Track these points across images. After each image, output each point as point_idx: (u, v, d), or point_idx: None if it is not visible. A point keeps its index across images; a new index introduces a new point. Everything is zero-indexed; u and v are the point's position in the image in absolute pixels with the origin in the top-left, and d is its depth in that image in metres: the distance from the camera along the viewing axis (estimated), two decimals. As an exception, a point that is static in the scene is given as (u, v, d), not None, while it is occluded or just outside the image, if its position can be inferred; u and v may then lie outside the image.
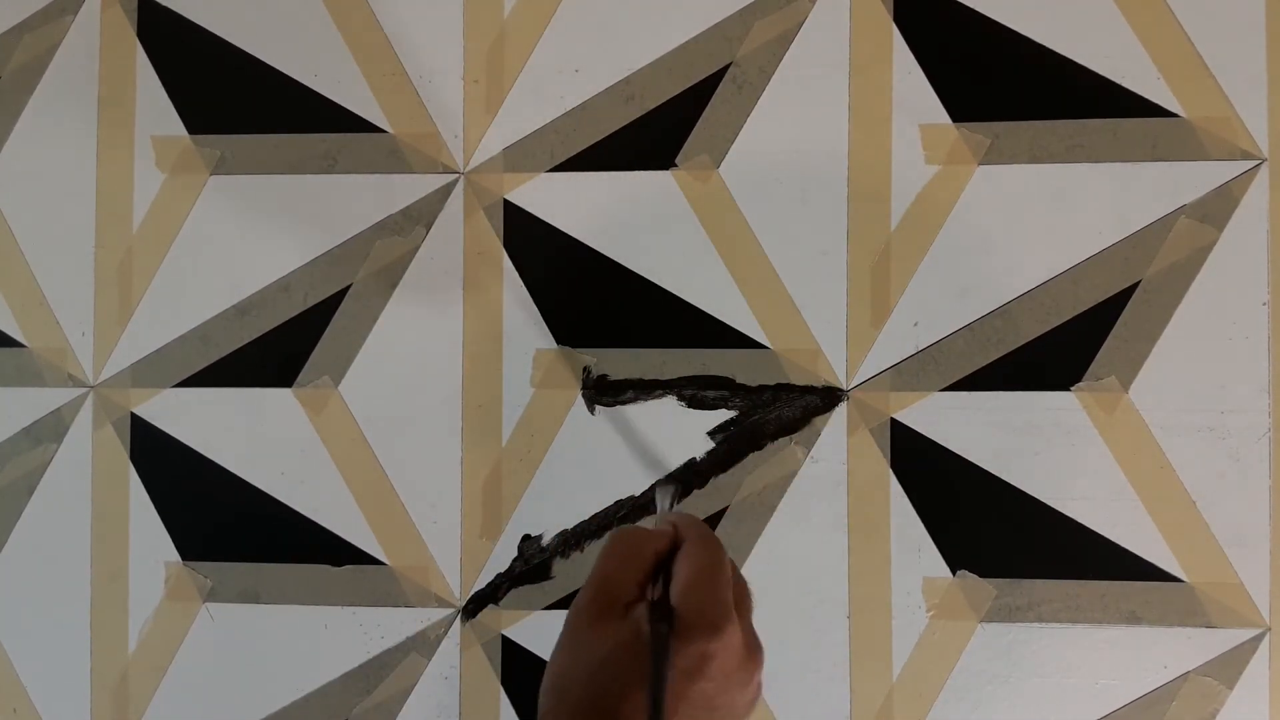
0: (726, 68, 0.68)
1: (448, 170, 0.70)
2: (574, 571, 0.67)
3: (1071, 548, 0.65)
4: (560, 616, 0.44)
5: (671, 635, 0.37)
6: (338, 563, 0.69)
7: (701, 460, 0.67)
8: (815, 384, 0.67)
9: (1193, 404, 0.65)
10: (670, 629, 0.37)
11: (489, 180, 0.69)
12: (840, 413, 0.67)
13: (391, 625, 0.69)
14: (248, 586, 0.69)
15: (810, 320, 0.67)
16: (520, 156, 0.69)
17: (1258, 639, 0.64)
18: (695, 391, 0.67)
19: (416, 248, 0.69)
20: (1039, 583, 0.65)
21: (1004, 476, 0.66)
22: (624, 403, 0.67)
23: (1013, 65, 0.67)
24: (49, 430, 0.71)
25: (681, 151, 0.68)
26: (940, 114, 0.67)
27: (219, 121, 0.71)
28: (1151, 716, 0.64)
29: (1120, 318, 0.65)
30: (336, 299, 0.70)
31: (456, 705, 0.68)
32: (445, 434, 0.69)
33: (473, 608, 0.68)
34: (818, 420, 0.67)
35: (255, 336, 0.70)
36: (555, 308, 0.68)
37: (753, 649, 0.40)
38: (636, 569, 0.40)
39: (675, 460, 0.67)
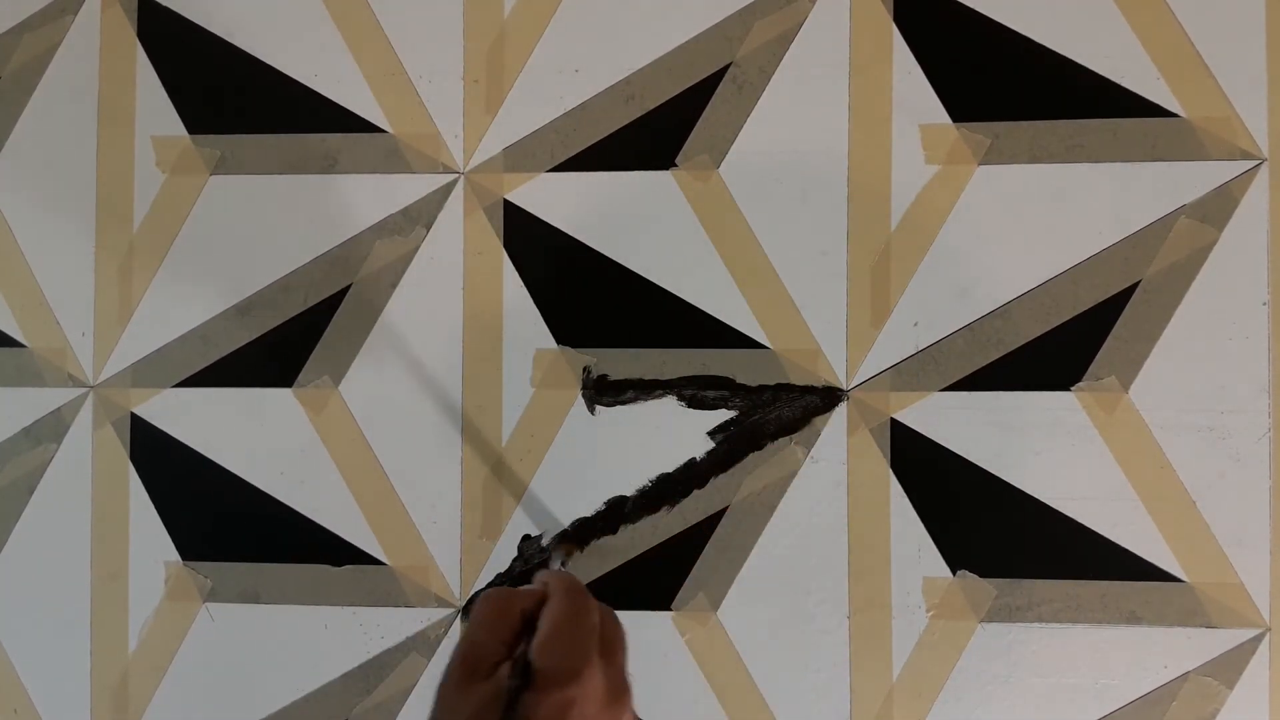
0: (726, 68, 0.68)
1: (448, 170, 0.70)
2: (574, 572, 0.67)
3: (1071, 548, 0.65)
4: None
5: (527, 689, 0.38)
6: (338, 563, 0.69)
7: (701, 460, 0.67)
8: (815, 384, 0.67)
9: (1193, 404, 0.65)
10: (524, 683, 0.38)
11: (489, 180, 0.69)
12: (840, 413, 0.67)
13: (391, 625, 0.69)
14: (248, 586, 0.69)
15: (810, 320, 0.67)
16: (520, 156, 0.69)
17: (1258, 639, 0.64)
18: (695, 391, 0.67)
19: (416, 248, 0.69)
20: (1039, 583, 0.65)
21: (1004, 476, 0.66)
22: (624, 403, 0.67)
23: (1013, 65, 0.67)
24: (49, 430, 0.71)
25: (681, 151, 0.68)
26: (940, 114, 0.67)
27: (219, 121, 0.71)
28: (1151, 716, 0.64)
29: (1120, 318, 0.65)
30: (336, 299, 0.70)
31: (456, 705, 0.68)
32: (445, 434, 0.69)
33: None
34: (818, 420, 0.67)
35: (255, 336, 0.70)
36: (555, 308, 0.68)
37: (618, 692, 0.40)
38: (503, 629, 0.41)
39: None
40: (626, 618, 0.67)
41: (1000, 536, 0.65)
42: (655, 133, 0.68)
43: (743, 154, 0.68)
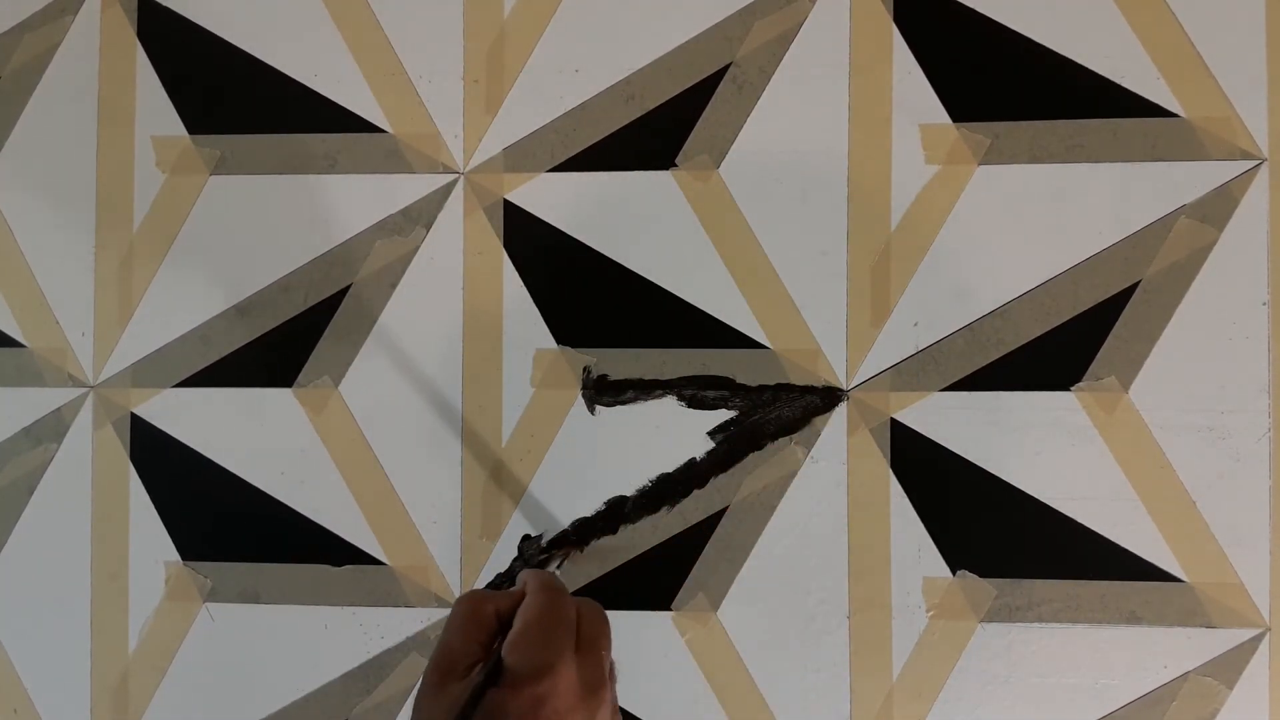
0: (726, 68, 0.68)
1: (448, 170, 0.70)
2: (573, 572, 0.67)
3: (1071, 548, 0.65)
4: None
5: (494, 687, 0.38)
6: (338, 563, 0.69)
7: (701, 460, 0.67)
8: (815, 384, 0.67)
9: (1193, 404, 0.65)
10: (490, 682, 0.38)
11: (489, 180, 0.69)
12: (840, 413, 0.67)
13: (391, 625, 0.69)
14: (248, 586, 0.69)
15: (810, 320, 0.67)
16: (520, 156, 0.69)
17: (1258, 639, 0.64)
18: (695, 391, 0.67)
19: (416, 248, 0.69)
20: (1039, 583, 0.65)
21: (1004, 476, 0.66)
22: (624, 403, 0.67)
23: (1013, 65, 0.67)
24: (49, 430, 0.71)
25: (681, 151, 0.68)
26: (940, 114, 0.67)
27: (219, 121, 0.71)
28: (1151, 716, 0.64)
29: (1120, 318, 0.65)
30: (336, 299, 0.70)
31: (456, 705, 0.68)
32: (445, 434, 0.69)
33: (473, 608, 0.68)
34: (818, 420, 0.67)
35: (255, 336, 0.70)
36: (555, 308, 0.68)
37: (593, 686, 0.40)
38: (477, 630, 0.41)
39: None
40: (627, 618, 0.67)
41: (1000, 536, 0.65)
42: (655, 133, 0.68)
43: (743, 154, 0.68)
